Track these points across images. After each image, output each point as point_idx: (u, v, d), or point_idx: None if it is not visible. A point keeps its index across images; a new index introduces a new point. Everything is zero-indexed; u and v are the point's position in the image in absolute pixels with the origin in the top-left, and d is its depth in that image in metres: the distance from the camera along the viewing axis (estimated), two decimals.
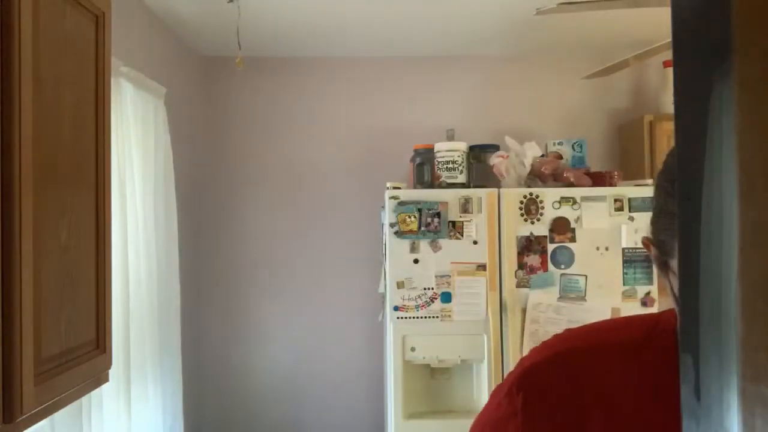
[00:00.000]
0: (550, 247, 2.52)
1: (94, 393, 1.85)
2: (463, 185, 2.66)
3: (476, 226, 2.51)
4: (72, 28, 1.31)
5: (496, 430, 0.74)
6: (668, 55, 2.65)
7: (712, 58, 0.26)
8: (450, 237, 2.51)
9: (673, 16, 0.29)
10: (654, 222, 0.66)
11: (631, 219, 2.53)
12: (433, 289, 2.51)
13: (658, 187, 0.65)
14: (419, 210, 2.52)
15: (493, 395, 0.77)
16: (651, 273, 2.53)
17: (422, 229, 2.52)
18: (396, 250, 2.52)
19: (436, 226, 2.51)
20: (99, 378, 1.42)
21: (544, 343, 0.78)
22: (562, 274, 2.51)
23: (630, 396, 0.69)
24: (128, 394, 2.09)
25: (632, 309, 2.50)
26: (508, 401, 0.74)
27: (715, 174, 0.26)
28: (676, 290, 0.61)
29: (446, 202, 2.53)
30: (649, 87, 3.27)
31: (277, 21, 2.74)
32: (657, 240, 0.65)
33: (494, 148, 2.80)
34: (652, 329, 0.71)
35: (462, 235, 2.52)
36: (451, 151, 2.70)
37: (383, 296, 2.68)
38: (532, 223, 2.52)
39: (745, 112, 0.24)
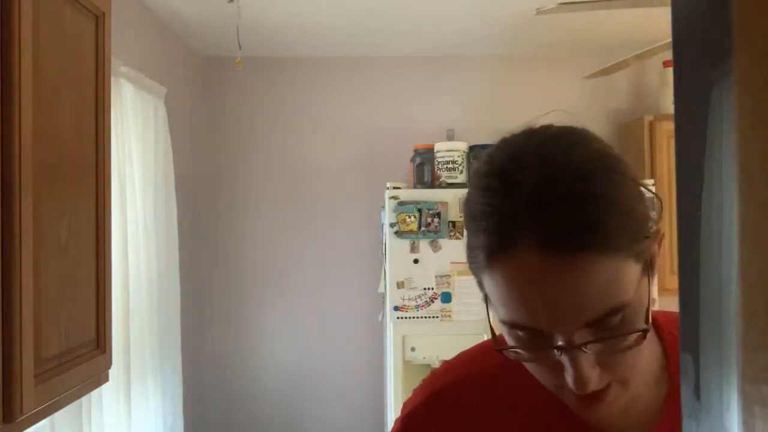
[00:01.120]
0: None
1: (94, 393, 1.85)
2: (463, 185, 2.66)
3: None
4: (72, 28, 1.31)
5: None
6: (668, 55, 2.65)
7: (712, 58, 0.26)
8: (450, 237, 2.51)
9: (673, 16, 0.29)
10: None
11: None
12: (433, 289, 2.51)
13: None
14: (419, 210, 2.52)
15: None
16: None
17: (422, 229, 2.52)
18: (396, 250, 2.52)
19: (436, 226, 2.51)
20: (99, 378, 1.42)
21: (424, 380, 0.76)
22: None
23: (504, 423, 0.67)
24: (128, 394, 2.09)
25: None
26: None
27: (715, 174, 0.26)
28: None
29: (446, 202, 2.53)
30: (649, 87, 3.27)
31: (277, 21, 2.74)
32: None
33: None
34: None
35: (462, 235, 2.52)
36: (451, 151, 2.70)
37: (383, 296, 2.68)
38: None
39: (745, 112, 0.24)
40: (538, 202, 0.52)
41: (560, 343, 0.54)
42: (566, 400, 0.59)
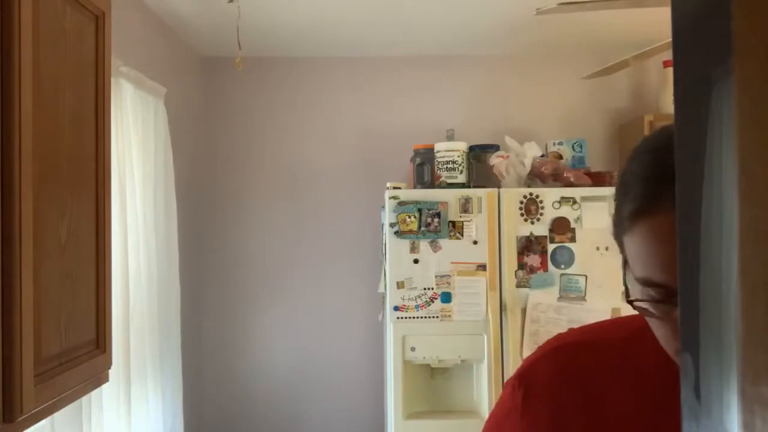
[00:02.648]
0: (550, 247, 2.52)
1: (94, 393, 1.85)
2: (463, 185, 2.66)
3: (476, 226, 2.51)
4: (72, 28, 1.31)
5: (500, 424, 0.80)
6: (668, 55, 2.65)
7: (712, 58, 0.26)
8: (450, 237, 2.52)
9: (673, 16, 0.29)
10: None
11: None
12: (433, 289, 2.51)
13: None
14: (419, 210, 2.52)
15: (502, 390, 0.82)
16: None
17: (422, 229, 2.52)
18: (396, 250, 2.52)
19: (436, 226, 2.51)
20: (99, 378, 1.42)
21: (548, 340, 0.83)
22: (562, 274, 2.51)
23: (618, 389, 0.73)
24: (128, 394, 2.09)
25: (631, 309, 2.50)
26: (510, 396, 0.78)
27: (715, 174, 0.26)
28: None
29: (446, 202, 2.53)
30: (649, 87, 3.27)
31: (277, 21, 2.74)
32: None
33: (494, 148, 2.80)
34: (637, 328, 0.75)
35: (462, 235, 2.52)
36: (451, 151, 2.70)
37: (383, 296, 2.68)
38: (532, 223, 2.52)
39: (745, 112, 0.24)
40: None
41: None
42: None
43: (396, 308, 2.52)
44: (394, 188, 2.61)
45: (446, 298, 2.51)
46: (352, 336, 3.26)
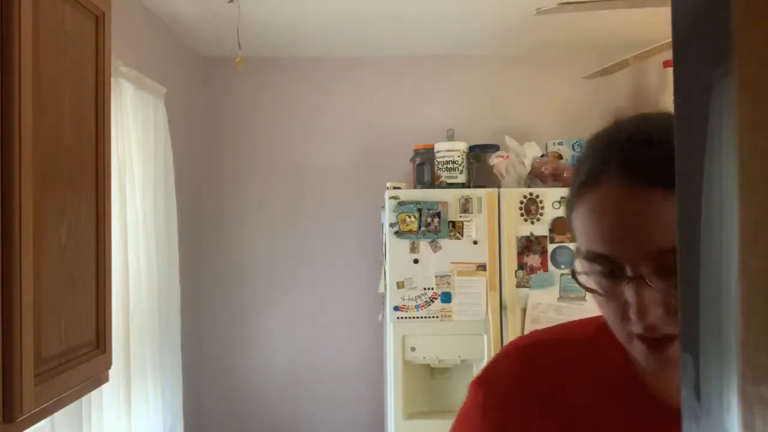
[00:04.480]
0: (550, 247, 2.52)
1: (94, 393, 1.85)
2: (463, 185, 2.66)
3: (476, 226, 2.51)
4: (72, 28, 1.31)
5: (463, 423, 0.81)
6: (668, 55, 2.65)
7: (712, 58, 0.26)
8: (450, 237, 2.52)
9: (673, 16, 0.29)
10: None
11: None
12: (433, 289, 2.51)
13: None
14: (419, 210, 2.52)
15: (466, 393, 0.83)
16: None
17: (422, 229, 2.52)
18: (396, 250, 2.52)
19: (436, 226, 2.51)
20: (99, 378, 1.42)
21: (509, 341, 0.85)
22: (562, 274, 2.51)
23: (582, 386, 0.74)
24: (128, 394, 2.09)
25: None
26: (472, 398, 0.80)
27: (715, 174, 0.26)
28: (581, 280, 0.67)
29: (446, 202, 2.53)
30: (649, 87, 3.27)
31: (277, 21, 2.74)
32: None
33: (494, 148, 2.80)
34: (597, 329, 0.76)
35: (462, 235, 2.52)
36: (451, 151, 2.70)
37: (383, 296, 2.68)
38: (532, 223, 2.52)
39: (745, 112, 0.24)
40: (626, 147, 0.64)
41: (629, 273, 0.61)
42: (635, 353, 0.65)
43: (396, 308, 2.52)
44: (394, 188, 2.61)
45: (446, 298, 2.51)
46: (352, 336, 3.26)
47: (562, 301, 2.50)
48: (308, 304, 3.26)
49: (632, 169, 0.62)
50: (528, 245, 2.52)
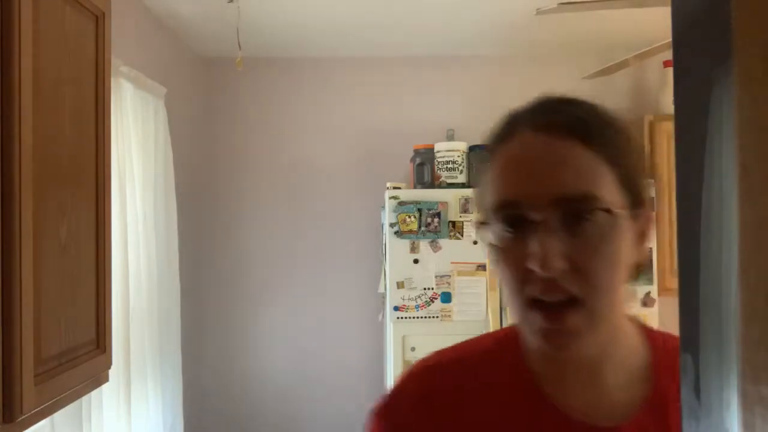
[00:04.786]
0: None
1: (94, 393, 1.85)
2: (463, 185, 2.66)
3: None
4: (72, 28, 1.31)
5: None
6: (668, 55, 2.65)
7: (712, 58, 0.26)
8: (450, 237, 2.52)
9: (673, 16, 0.29)
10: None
11: None
12: (433, 289, 2.51)
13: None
14: (419, 210, 2.53)
15: (366, 424, 0.79)
16: (651, 273, 2.53)
17: (422, 229, 2.52)
18: (396, 250, 2.52)
19: (436, 226, 2.51)
20: (99, 378, 1.42)
21: (410, 366, 0.80)
22: None
23: (484, 403, 0.70)
24: (128, 394, 2.09)
25: (632, 309, 2.50)
26: (371, 429, 0.77)
27: (715, 174, 0.26)
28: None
29: (446, 202, 2.53)
30: (649, 87, 3.27)
31: (277, 21, 2.74)
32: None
33: None
34: (501, 339, 0.74)
35: (462, 235, 2.52)
36: (451, 151, 2.70)
37: (383, 296, 2.68)
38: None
39: (745, 112, 0.24)
40: (538, 107, 0.67)
41: (535, 217, 0.59)
42: (531, 332, 0.62)
43: (396, 308, 2.52)
44: (394, 188, 2.61)
45: (446, 298, 2.51)
46: (352, 336, 3.26)
47: None
48: (308, 304, 3.26)
49: (547, 119, 0.63)
50: None
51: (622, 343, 0.67)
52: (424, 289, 2.51)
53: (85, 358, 1.33)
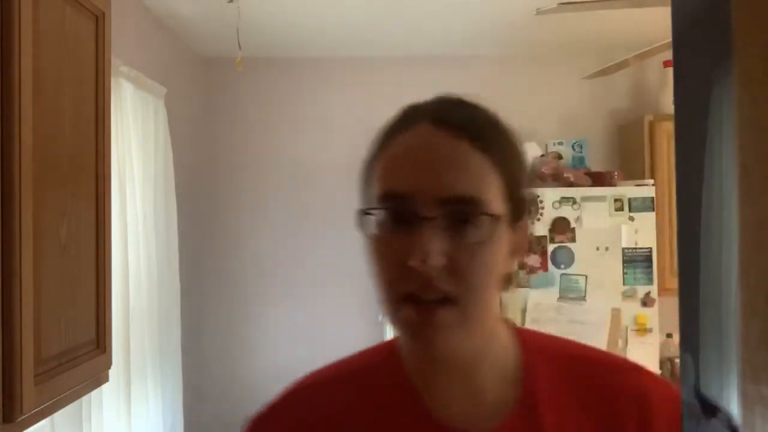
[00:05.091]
0: (550, 247, 2.52)
1: (94, 393, 1.85)
2: None
3: None
4: (72, 28, 1.31)
5: None
6: (668, 55, 2.65)
7: (712, 58, 0.26)
8: None
9: (673, 16, 0.29)
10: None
11: (631, 219, 2.53)
12: None
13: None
14: None
15: None
16: (651, 273, 2.53)
17: None
18: None
19: None
20: (99, 378, 1.42)
21: (291, 383, 0.79)
22: (562, 274, 2.51)
23: (364, 421, 0.69)
24: (128, 394, 2.09)
25: (632, 309, 2.50)
26: None
27: (715, 174, 0.26)
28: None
29: None
30: (649, 87, 3.27)
31: (277, 21, 2.74)
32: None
33: None
34: (383, 353, 0.74)
35: None
36: None
37: None
38: (532, 222, 2.52)
39: (745, 112, 0.24)
40: (439, 104, 0.68)
41: (422, 213, 0.59)
42: (402, 327, 0.62)
43: None
44: None
45: None
46: (352, 336, 3.26)
47: (562, 301, 2.50)
48: (308, 304, 3.26)
49: (449, 116, 0.64)
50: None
51: (494, 346, 0.67)
52: None
53: (85, 358, 1.33)
